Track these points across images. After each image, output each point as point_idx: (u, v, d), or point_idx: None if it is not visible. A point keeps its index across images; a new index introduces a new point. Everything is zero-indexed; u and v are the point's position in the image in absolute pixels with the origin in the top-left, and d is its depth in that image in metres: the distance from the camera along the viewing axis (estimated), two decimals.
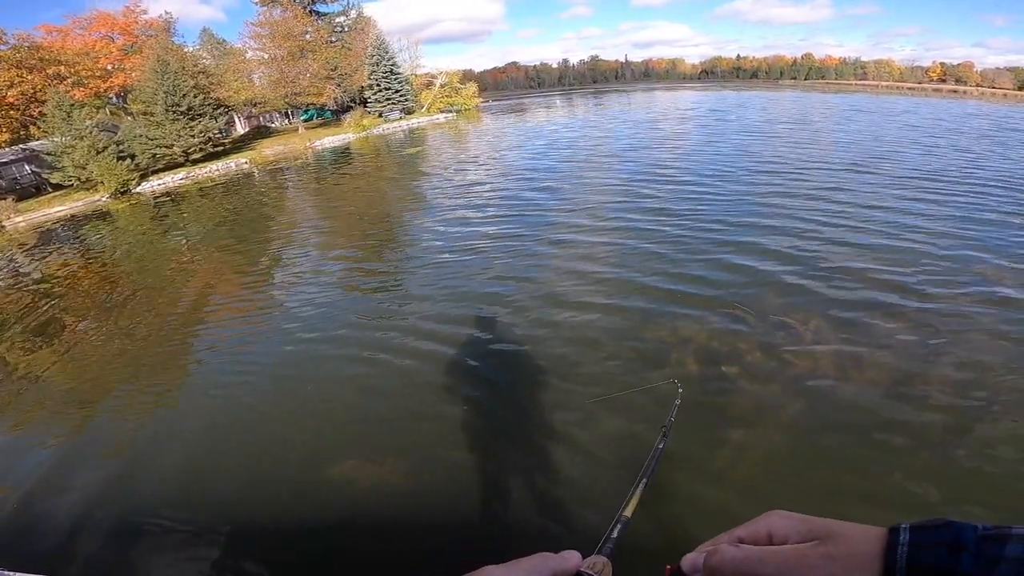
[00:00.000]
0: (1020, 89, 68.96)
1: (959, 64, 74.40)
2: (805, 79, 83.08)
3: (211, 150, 24.34)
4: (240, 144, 27.87)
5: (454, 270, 7.08)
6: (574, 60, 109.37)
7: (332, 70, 33.33)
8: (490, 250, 7.67)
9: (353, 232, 9.88)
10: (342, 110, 32.61)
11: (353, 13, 37.75)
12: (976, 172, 10.83)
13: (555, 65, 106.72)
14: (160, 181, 21.31)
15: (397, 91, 33.62)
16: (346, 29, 37.42)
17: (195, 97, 23.38)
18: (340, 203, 13.01)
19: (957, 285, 5.34)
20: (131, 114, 25.78)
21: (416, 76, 41.51)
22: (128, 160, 20.19)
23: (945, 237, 6.75)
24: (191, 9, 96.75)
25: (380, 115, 33.24)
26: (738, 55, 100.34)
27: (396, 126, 30.52)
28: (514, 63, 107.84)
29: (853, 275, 5.65)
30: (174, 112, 22.52)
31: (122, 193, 19.59)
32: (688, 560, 0.44)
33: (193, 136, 23.07)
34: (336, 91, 31.36)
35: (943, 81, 70.96)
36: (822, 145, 15.39)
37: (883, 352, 4.18)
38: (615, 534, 0.82)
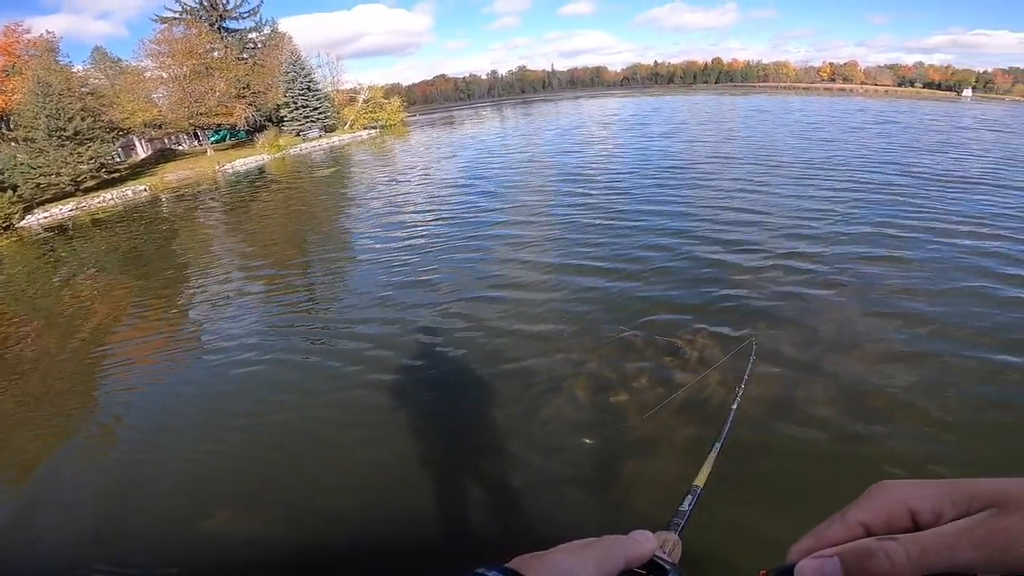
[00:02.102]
0: (899, 86, 77.53)
1: (845, 63, 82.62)
2: (716, 82, 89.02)
3: (105, 177, 22.27)
4: (140, 169, 25.72)
5: (380, 294, 6.65)
6: (503, 71, 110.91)
7: (243, 88, 31.71)
8: (420, 270, 7.34)
9: (269, 258, 9.16)
10: (256, 130, 31.02)
11: (267, 29, 36.36)
12: (870, 162, 12.00)
13: (484, 76, 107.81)
14: (47, 213, 19.21)
15: (316, 108, 32.46)
16: (259, 46, 35.93)
17: (83, 120, 21.35)
18: (253, 229, 12.16)
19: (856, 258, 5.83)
20: (13, 140, 23.22)
21: (338, 92, 40.42)
22: (9, 192, 18.08)
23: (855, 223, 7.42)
24: (88, 26, 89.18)
25: (298, 134, 31.93)
26: (655, 61, 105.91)
27: (315, 145, 29.39)
28: (442, 75, 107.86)
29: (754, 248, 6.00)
30: (59, 137, 20.42)
31: (4, 229, 17.46)
32: (811, 569, 0.30)
33: (83, 163, 21.01)
34: (248, 110, 29.79)
35: (832, 80, 78.41)
36: (730, 143, 16.49)
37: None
38: (686, 506, 0.72)
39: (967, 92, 67.59)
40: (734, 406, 1.34)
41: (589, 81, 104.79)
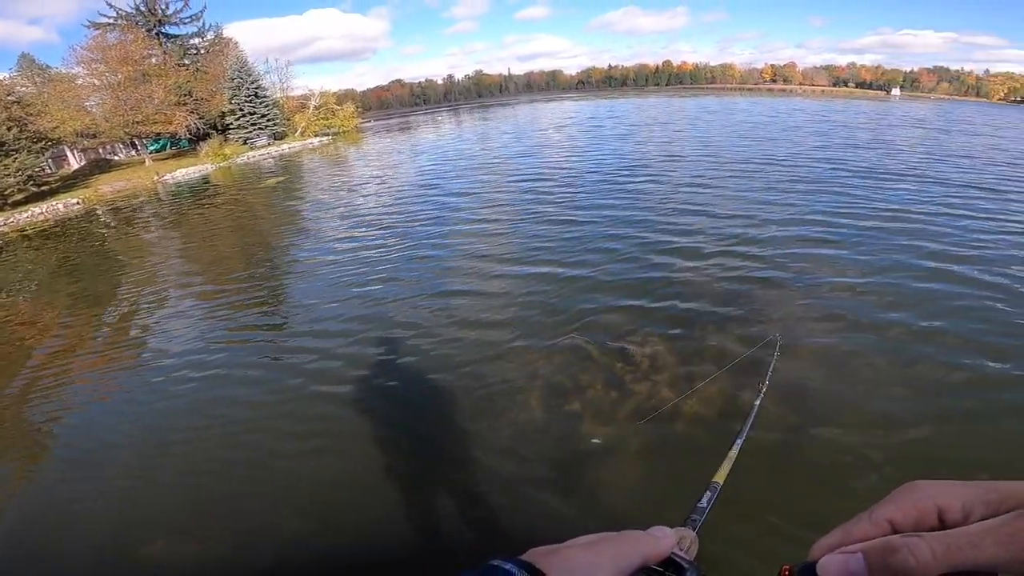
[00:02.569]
0: (834, 85, 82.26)
1: (785, 65, 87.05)
2: (667, 85, 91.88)
3: (34, 190, 20.72)
4: (72, 182, 24.10)
5: (329, 305, 6.38)
6: (460, 75, 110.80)
7: (185, 95, 30.28)
8: (373, 279, 7.08)
9: (213, 271, 8.67)
10: (199, 138, 29.67)
11: (210, 35, 34.89)
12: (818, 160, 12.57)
13: (440, 81, 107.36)
14: None
15: (264, 115, 31.34)
16: (202, 51, 34.47)
17: (8, 130, 19.86)
18: (196, 241, 11.53)
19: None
20: None
21: (288, 98, 39.23)
22: None
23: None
24: (19, 32, 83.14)
25: (245, 142, 30.75)
26: (609, 65, 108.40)
27: (264, 153, 28.34)
28: (398, 81, 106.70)
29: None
30: None
31: None
32: (835, 565, 0.29)
33: (9, 175, 19.51)
34: (189, 118, 28.44)
35: (774, 81, 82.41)
36: (680, 144, 16.99)
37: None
38: (704, 503, 0.69)
39: (896, 91, 72.45)
40: (757, 402, 1.36)
41: (545, 84, 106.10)
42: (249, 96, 30.92)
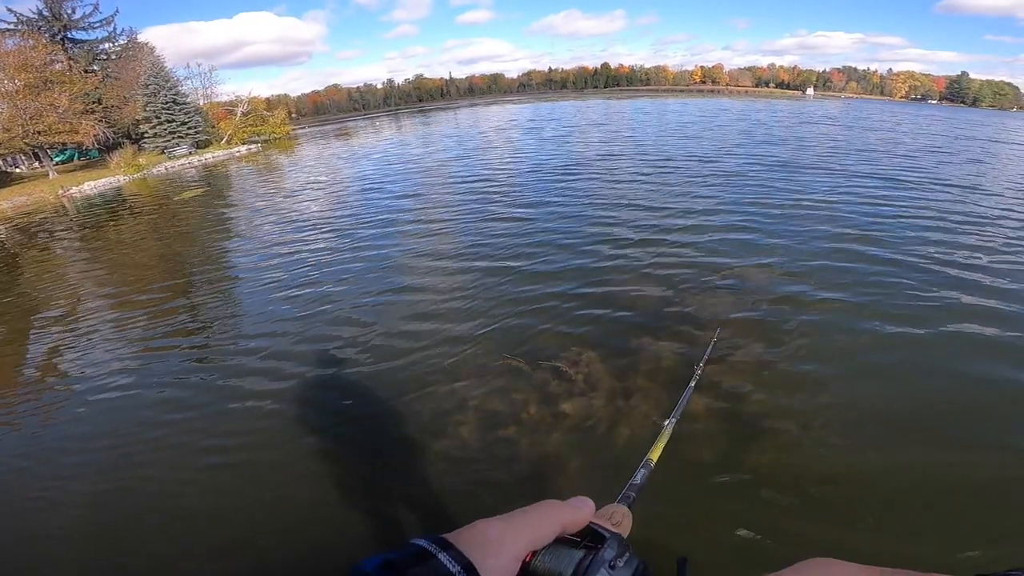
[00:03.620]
0: (757, 86, 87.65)
1: (713, 66, 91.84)
2: (605, 87, 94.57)
3: None
4: None
5: (259, 321, 5.94)
6: (400, 79, 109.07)
7: (93, 103, 27.93)
8: (309, 289, 6.64)
9: (132, 290, 7.68)
10: (111, 148, 27.42)
11: (122, 39, 32.41)
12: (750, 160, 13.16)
13: (380, 85, 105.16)
14: None
15: (184, 123, 29.40)
16: (113, 57, 31.96)
17: None
18: (111, 259, 10.38)
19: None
20: None
21: (213, 105, 37.07)
22: None
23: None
24: None
25: (163, 151, 28.73)
26: (549, 68, 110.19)
27: (184, 163, 26.53)
28: (335, 85, 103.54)
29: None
30: None
31: None
32: None
33: None
34: (97, 127, 26.21)
35: (704, 83, 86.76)
36: (618, 144, 17.40)
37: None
38: (638, 480, 0.70)
39: (809, 91, 78.26)
40: (692, 383, 1.41)
41: (487, 88, 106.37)
42: (166, 103, 28.92)
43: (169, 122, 29.10)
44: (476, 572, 0.30)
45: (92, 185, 21.75)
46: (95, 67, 30.94)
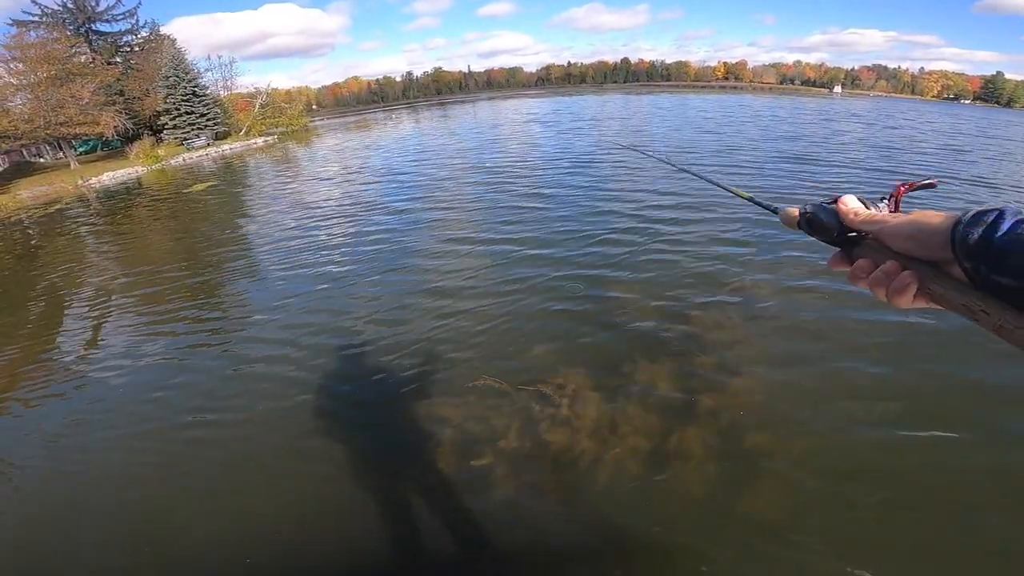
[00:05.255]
0: (781, 83, 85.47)
1: (736, 63, 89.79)
2: (624, 82, 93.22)
3: None
4: None
5: (275, 315, 5.85)
6: (419, 72, 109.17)
7: (116, 94, 28.48)
8: (333, 284, 6.56)
9: (154, 283, 7.62)
10: (131, 139, 27.92)
11: (145, 31, 33.02)
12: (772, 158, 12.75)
13: (399, 78, 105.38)
14: None
15: (203, 114, 29.76)
16: (136, 49, 32.55)
17: None
18: (131, 250, 10.38)
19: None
20: None
21: (235, 96, 37.48)
22: None
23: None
24: None
25: (182, 142, 29.14)
26: (568, 62, 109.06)
27: (202, 154, 26.87)
28: (355, 77, 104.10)
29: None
30: None
31: None
32: None
33: None
34: (117, 118, 26.68)
35: (726, 79, 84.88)
36: (643, 139, 17.09)
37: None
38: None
39: (837, 89, 75.95)
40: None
41: (505, 82, 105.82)
42: (186, 95, 29.28)
43: (189, 113, 29.48)
44: None
45: (111, 176, 22.15)
46: (117, 59, 31.53)
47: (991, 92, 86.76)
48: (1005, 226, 0.46)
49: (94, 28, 31.43)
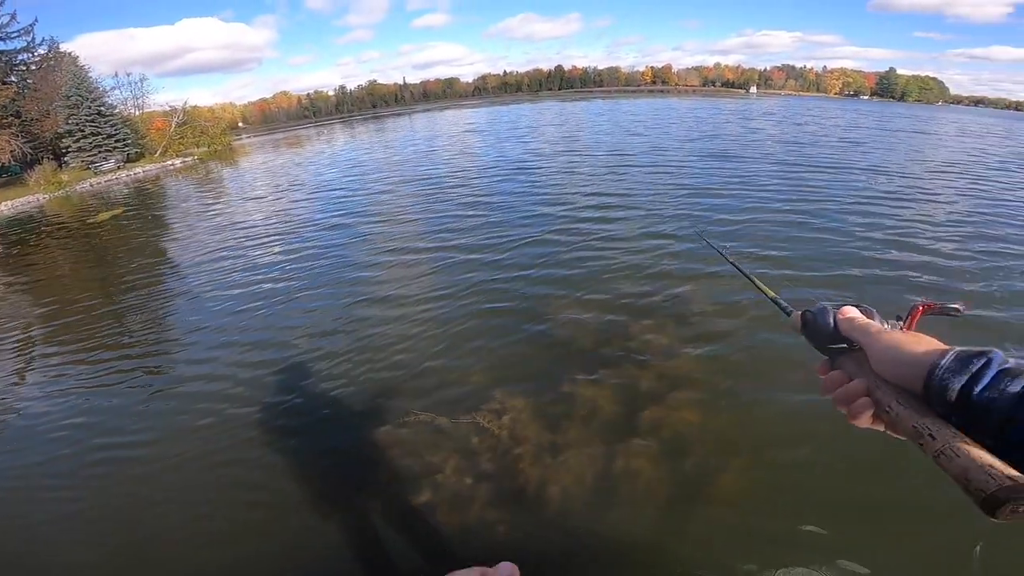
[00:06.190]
0: (704, 85, 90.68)
1: (663, 67, 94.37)
2: (559, 89, 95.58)
3: None
4: None
5: (194, 342, 5.31)
6: (352, 85, 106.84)
7: (12, 116, 25.92)
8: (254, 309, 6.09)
9: (69, 315, 6.81)
10: (31, 164, 25.43)
11: (42, 49, 30.16)
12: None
13: (331, 92, 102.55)
14: None
15: (111, 135, 27.60)
16: (32, 68, 29.72)
17: None
18: (40, 283, 9.16)
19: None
20: None
21: (148, 115, 34.99)
22: None
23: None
24: None
25: (89, 166, 26.87)
26: (504, 71, 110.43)
27: (112, 178, 24.85)
28: (284, 92, 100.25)
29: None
30: None
31: None
32: None
33: None
34: (14, 142, 24.25)
35: (654, 83, 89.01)
36: (577, 143, 17.38)
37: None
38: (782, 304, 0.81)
39: (753, 89, 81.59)
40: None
41: (442, 93, 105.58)
42: (91, 115, 27.06)
43: (95, 135, 27.23)
44: None
45: (9, 205, 20.00)
46: (13, 78, 28.71)
47: (886, 87, 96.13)
48: (987, 379, 0.41)
49: None
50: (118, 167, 27.27)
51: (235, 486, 3.28)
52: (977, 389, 0.41)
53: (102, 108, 27.77)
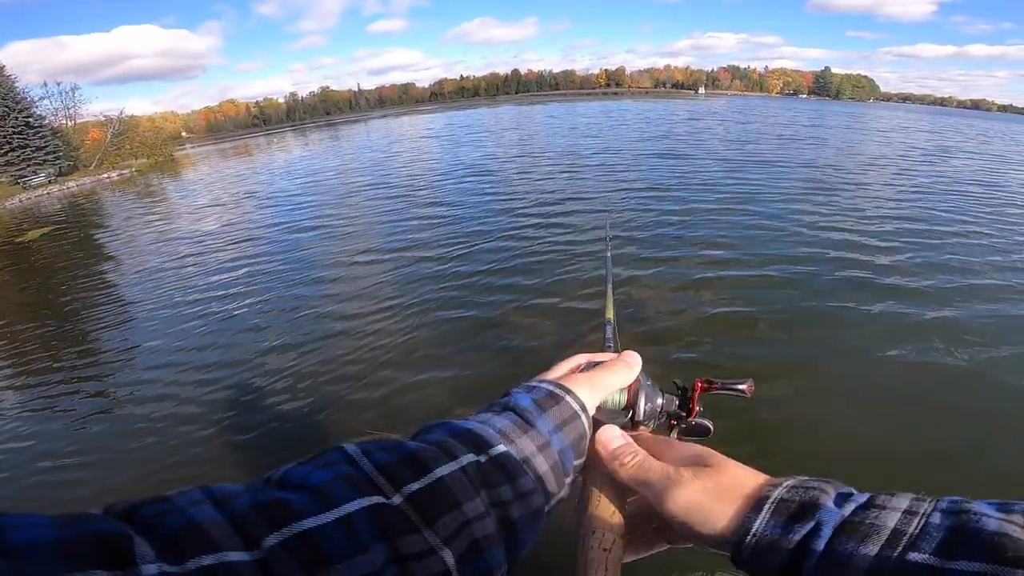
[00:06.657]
0: (655, 87, 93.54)
1: (616, 69, 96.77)
2: (516, 93, 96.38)
3: None
4: None
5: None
6: (305, 92, 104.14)
7: None
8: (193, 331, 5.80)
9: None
10: None
11: None
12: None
13: (282, 99, 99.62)
14: None
15: (40, 148, 25.90)
16: None
17: None
18: None
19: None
20: None
21: (81, 126, 33.01)
22: None
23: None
24: None
25: (16, 181, 25.12)
26: (461, 76, 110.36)
27: (44, 193, 23.33)
28: (231, 100, 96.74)
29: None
30: None
31: None
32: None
33: None
34: None
35: (607, 85, 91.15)
36: (535, 147, 17.54)
37: None
38: (610, 333, 0.78)
39: (701, 90, 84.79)
40: (608, 253, 1.21)
41: (398, 99, 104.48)
42: (18, 126, 25.31)
43: (23, 147, 25.47)
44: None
45: None
46: None
47: (822, 86, 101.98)
48: (822, 543, 0.30)
49: None
50: (49, 181, 25.59)
51: None
52: (809, 565, 0.30)
53: (30, 119, 26.04)
